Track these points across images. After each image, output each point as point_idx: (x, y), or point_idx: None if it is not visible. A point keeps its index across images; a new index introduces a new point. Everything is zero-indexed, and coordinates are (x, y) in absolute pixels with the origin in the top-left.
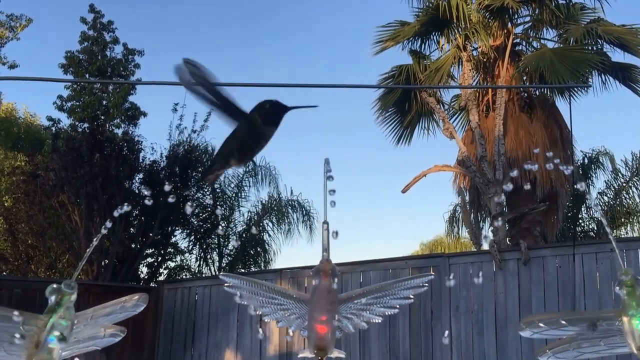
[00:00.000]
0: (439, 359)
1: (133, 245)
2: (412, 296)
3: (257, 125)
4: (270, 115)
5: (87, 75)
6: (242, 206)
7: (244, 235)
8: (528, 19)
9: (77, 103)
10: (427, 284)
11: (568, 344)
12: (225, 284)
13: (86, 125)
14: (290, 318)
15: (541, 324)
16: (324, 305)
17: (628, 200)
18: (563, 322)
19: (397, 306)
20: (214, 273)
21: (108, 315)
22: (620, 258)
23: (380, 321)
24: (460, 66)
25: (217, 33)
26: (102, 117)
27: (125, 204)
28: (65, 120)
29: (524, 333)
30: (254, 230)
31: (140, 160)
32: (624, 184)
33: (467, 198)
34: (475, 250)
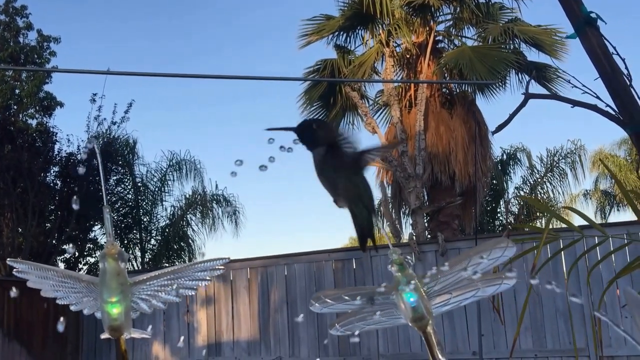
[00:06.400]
0: (365, 343)
1: (49, 240)
2: (208, 277)
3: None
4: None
5: None
6: (165, 200)
7: (167, 230)
8: (450, 17)
9: None
10: (222, 267)
11: (353, 317)
12: (14, 270)
13: None
14: (83, 300)
15: (327, 300)
16: (114, 287)
17: (543, 194)
18: (345, 297)
19: (195, 287)
20: (137, 268)
21: None
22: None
23: (179, 301)
24: (384, 62)
25: (138, 23)
26: (15, 107)
27: None
28: None
29: (314, 308)
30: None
31: (56, 153)
32: (539, 179)
33: (388, 192)
34: (395, 243)
